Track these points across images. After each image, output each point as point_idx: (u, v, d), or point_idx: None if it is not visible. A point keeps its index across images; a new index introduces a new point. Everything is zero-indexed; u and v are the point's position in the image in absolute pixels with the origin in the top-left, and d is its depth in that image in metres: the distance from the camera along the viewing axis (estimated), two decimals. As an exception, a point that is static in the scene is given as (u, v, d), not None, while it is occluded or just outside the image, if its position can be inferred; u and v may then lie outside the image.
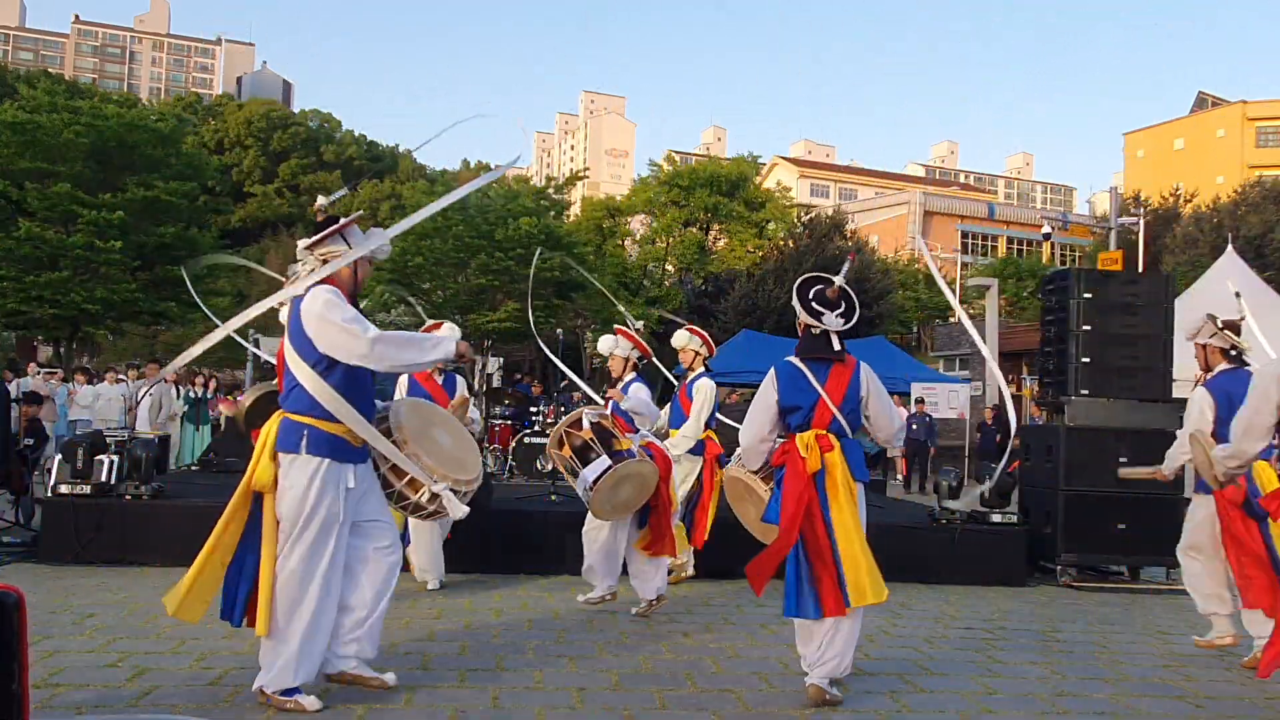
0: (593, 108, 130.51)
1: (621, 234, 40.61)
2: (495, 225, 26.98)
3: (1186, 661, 5.32)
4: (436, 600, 6.11)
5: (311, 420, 3.78)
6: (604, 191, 61.81)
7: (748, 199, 39.53)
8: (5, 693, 0.70)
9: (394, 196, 50.34)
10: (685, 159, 52.19)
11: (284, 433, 3.82)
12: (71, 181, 24.15)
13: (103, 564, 6.76)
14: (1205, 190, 40.73)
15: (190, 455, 13.90)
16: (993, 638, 5.72)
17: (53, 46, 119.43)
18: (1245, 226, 29.59)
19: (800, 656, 4.30)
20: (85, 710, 3.72)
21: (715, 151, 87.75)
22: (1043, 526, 8.11)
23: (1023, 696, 4.47)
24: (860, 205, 57.55)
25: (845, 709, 4.15)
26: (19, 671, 0.70)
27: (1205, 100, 63.92)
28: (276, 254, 44.38)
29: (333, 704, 3.92)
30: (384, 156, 67.51)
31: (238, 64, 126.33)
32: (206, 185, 31.56)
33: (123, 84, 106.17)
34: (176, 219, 26.14)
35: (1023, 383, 24.10)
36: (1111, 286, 8.35)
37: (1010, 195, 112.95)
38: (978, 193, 77.95)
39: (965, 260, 45.20)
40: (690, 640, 5.32)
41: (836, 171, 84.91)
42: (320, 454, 3.78)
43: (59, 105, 25.69)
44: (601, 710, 3.97)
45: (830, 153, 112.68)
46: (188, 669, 4.35)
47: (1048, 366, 8.69)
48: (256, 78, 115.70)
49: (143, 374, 13.60)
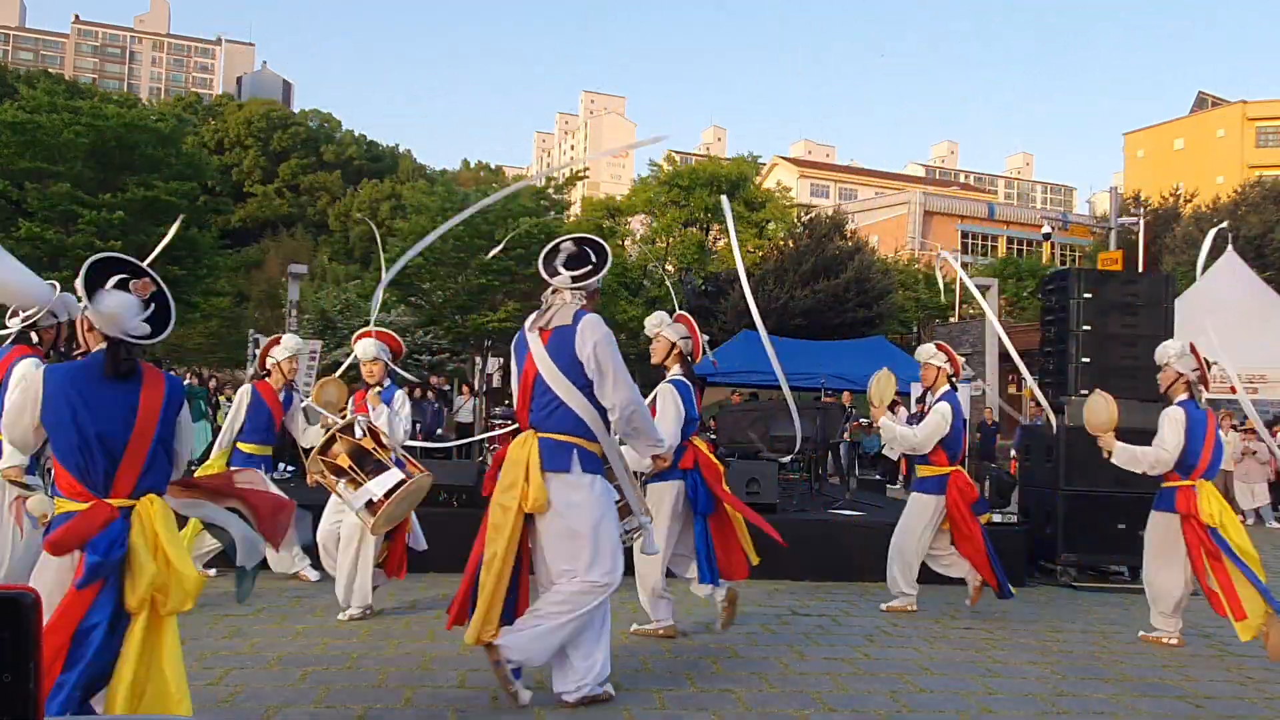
0: (593, 108, 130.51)
1: (621, 234, 40.61)
2: (495, 225, 26.98)
3: (1186, 661, 5.32)
4: (437, 601, 6.10)
5: (578, 440, 3.94)
6: (604, 191, 61.81)
7: (748, 199, 39.50)
8: (23, 692, 0.71)
9: (394, 196, 50.32)
10: (685, 159, 52.17)
11: (549, 453, 3.93)
12: (71, 181, 24.15)
13: (103, 564, 6.75)
14: (1205, 190, 40.73)
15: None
16: (993, 638, 5.72)
17: (53, 46, 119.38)
18: (1245, 226, 29.61)
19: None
20: (85, 710, 3.71)
21: (715, 151, 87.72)
22: (1043, 526, 8.11)
23: (1023, 696, 4.47)
24: (860, 205, 57.54)
25: (846, 709, 4.14)
26: (35, 671, 0.71)
27: (1205, 100, 63.90)
28: (276, 254, 44.40)
29: (332, 704, 3.92)
30: (384, 156, 67.49)
31: (238, 64, 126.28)
32: (206, 185, 31.54)
33: (123, 84, 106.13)
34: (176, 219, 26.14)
35: (1022, 383, 24.09)
36: (1111, 286, 8.35)
37: (1010, 195, 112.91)
38: (978, 193, 77.90)
39: (965, 260, 45.21)
40: (690, 640, 5.31)
41: (836, 171, 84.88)
42: (592, 471, 3.97)
43: (59, 105, 25.67)
44: (602, 710, 3.97)
45: (830, 153, 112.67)
46: (188, 669, 4.34)
47: (1048, 366, 8.69)
48: (256, 78, 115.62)
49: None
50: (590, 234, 4.45)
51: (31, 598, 0.75)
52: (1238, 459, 14.02)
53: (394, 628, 5.34)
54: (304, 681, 4.23)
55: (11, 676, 0.74)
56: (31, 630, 0.74)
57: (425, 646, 4.93)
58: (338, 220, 54.73)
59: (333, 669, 4.45)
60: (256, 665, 4.47)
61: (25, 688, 0.73)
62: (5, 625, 0.74)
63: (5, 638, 0.73)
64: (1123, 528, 7.75)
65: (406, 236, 28.09)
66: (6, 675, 0.73)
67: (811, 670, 4.78)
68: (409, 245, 27.21)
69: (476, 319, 26.45)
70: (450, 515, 7.30)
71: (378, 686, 4.20)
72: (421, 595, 6.26)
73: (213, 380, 16.64)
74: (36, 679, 0.75)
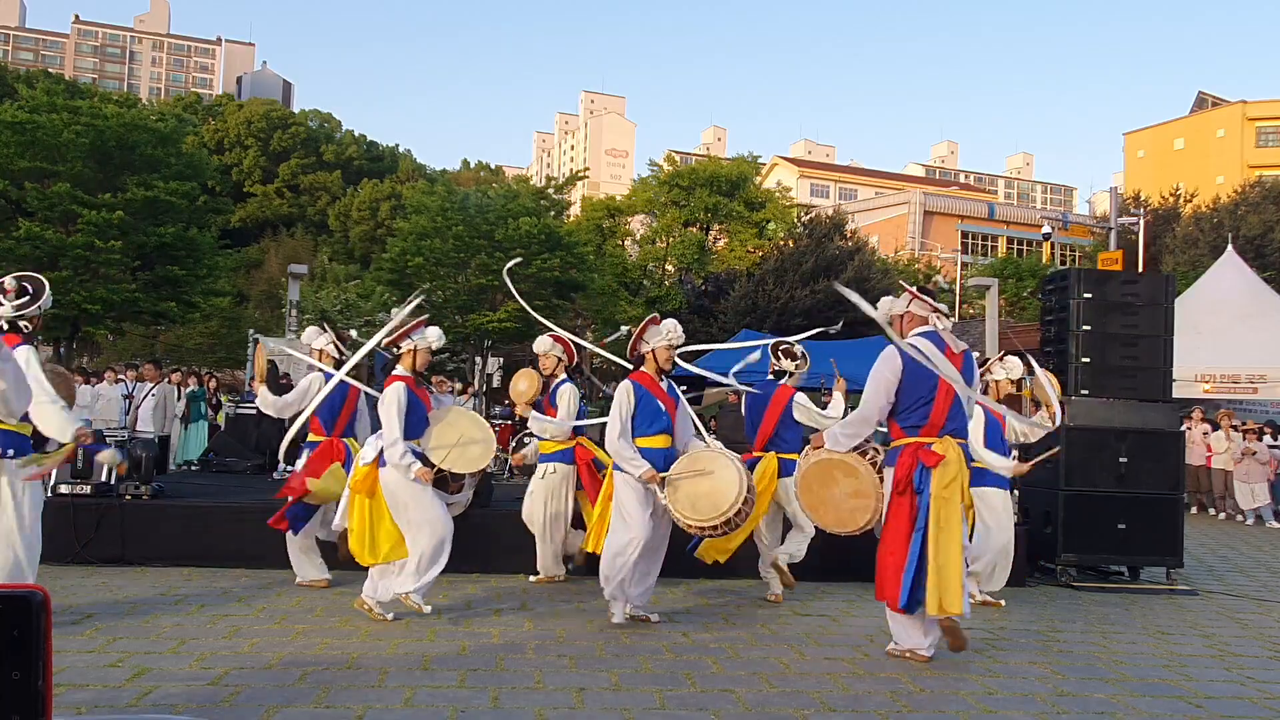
0: (593, 108, 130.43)
1: (621, 234, 40.60)
2: (495, 225, 26.99)
3: (1186, 661, 5.33)
4: (436, 601, 6.11)
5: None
6: (604, 191, 61.78)
7: (748, 199, 39.50)
8: (31, 690, 0.71)
9: (394, 196, 50.31)
10: (685, 159, 52.17)
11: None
12: (71, 181, 24.13)
13: (103, 564, 6.76)
14: (1205, 190, 40.74)
15: (185, 453, 13.86)
16: (993, 638, 5.72)
17: (53, 46, 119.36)
18: (1245, 226, 29.62)
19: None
20: (85, 710, 3.72)
21: (715, 151, 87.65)
22: (1043, 526, 8.11)
23: (1023, 696, 4.47)
24: (860, 205, 57.53)
25: (846, 709, 4.15)
26: (43, 670, 0.72)
27: (1205, 100, 63.86)
28: (276, 254, 44.39)
29: (332, 704, 3.92)
30: (384, 156, 67.47)
31: (238, 64, 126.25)
32: (206, 185, 31.52)
33: (123, 84, 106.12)
34: (176, 219, 26.12)
35: (1023, 383, 24.07)
36: (1111, 286, 8.35)
37: (1010, 195, 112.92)
38: (978, 193, 77.93)
39: (965, 260, 45.21)
40: (690, 640, 5.32)
41: (836, 171, 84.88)
42: None
43: (59, 105, 25.65)
44: (601, 710, 3.97)
45: (830, 153, 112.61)
46: (188, 669, 4.35)
47: (1048, 366, 8.68)
48: (256, 78, 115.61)
49: (141, 375, 13.58)
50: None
51: (40, 596, 0.76)
52: (1238, 459, 14.01)
53: (394, 628, 5.34)
54: (304, 681, 4.23)
55: (21, 674, 0.74)
56: (41, 628, 0.75)
57: (425, 647, 4.94)
58: (338, 220, 54.72)
59: (333, 669, 4.45)
60: (256, 665, 4.47)
61: (34, 685, 0.74)
62: (14, 623, 0.74)
63: (15, 636, 0.74)
64: (1123, 528, 7.76)
65: (407, 236, 28.12)
66: (16, 673, 0.74)
67: (811, 670, 4.78)
68: (409, 245, 27.29)
69: (476, 319, 26.45)
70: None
71: (378, 686, 4.21)
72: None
73: (213, 380, 16.60)
74: (45, 677, 0.75)
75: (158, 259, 25.76)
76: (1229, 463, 14.27)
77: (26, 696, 0.73)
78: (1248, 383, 15.52)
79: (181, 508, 7.26)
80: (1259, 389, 15.60)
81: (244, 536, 6.99)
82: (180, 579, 6.45)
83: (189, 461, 13.03)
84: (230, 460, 11.47)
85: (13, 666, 0.74)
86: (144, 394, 11.92)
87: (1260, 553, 10.64)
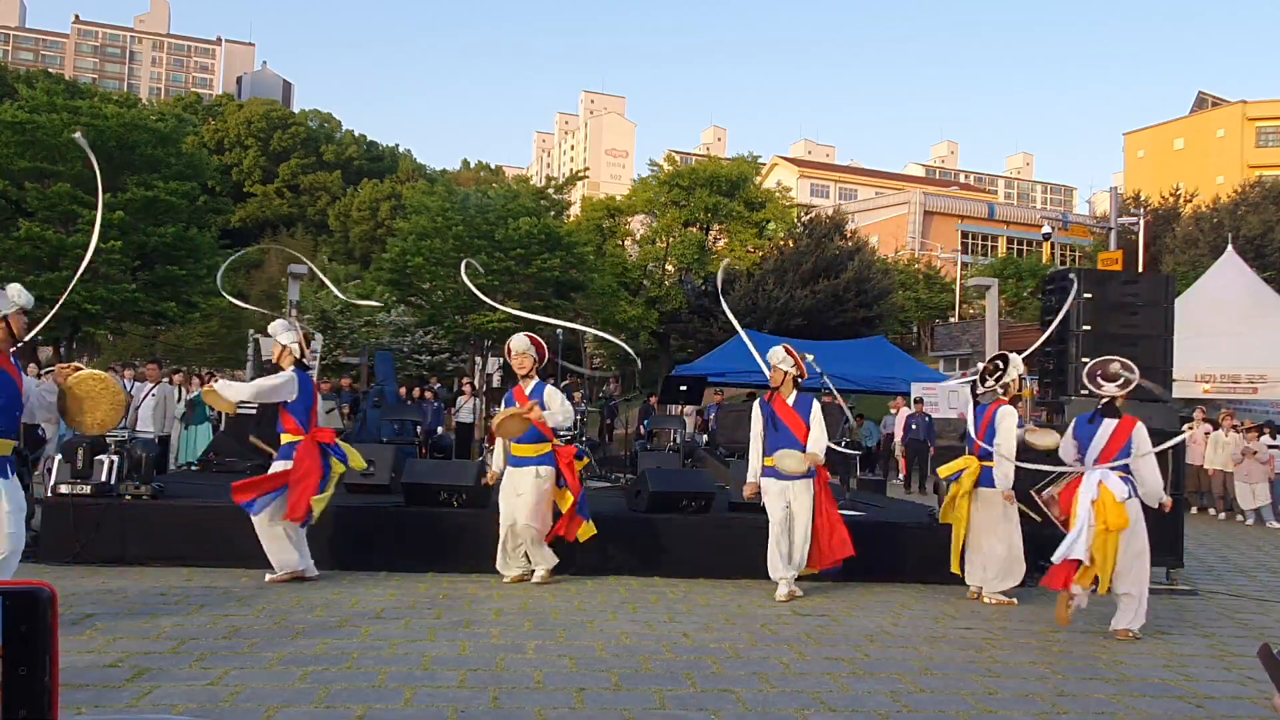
0: (593, 108, 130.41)
1: (621, 234, 40.59)
2: (495, 225, 27.00)
3: (1186, 661, 5.33)
4: (436, 601, 6.11)
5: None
6: (604, 191, 61.77)
7: (748, 199, 39.49)
8: (38, 686, 0.72)
9: (394, 196, 50.31)
10: (685, 159, 52.15)
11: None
12: (71, 181, 24.13)
13: (103, 564, 6.76)
14: (1205, 190, 40.76)
15: (187, 454, 13.86)
16: (993, 638, 5.73)
17: (53, 46, 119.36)
18: (1245, 226, 29.63)
19: None
20: (85, 710, 3.72)
21: (715, 151, 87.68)
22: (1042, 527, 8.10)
23: (1023, 696, 4.47)
24: (860, 205, 57.52)
25: (846, 709, 4.15)
26: (50, 666, 0.72)
27: (1205, 100, 63.87)
28: (277, 254, 44.40)
29: (332, 704, 3.93)
30: (384, 156, 67.50)
31: (238, 64, 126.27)
32: (206, 185, 31.55)
33: (123, 84, 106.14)
34: (176, 219, 26.14)
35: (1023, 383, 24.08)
36: (1111, 286, 8.35)
37: (1010, 195, 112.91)
38: (978, 193, 77.91)
39: (965, 260, 45.21)
40: (690, 640, 5.32)
41: (836, 171, 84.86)
42: None
43: (59, 105, 25.66)
44: (601, 710, 3.97)
45: (830, 153, 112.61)
46: (188, 669, 4.35)
47: (1048, 366, 8.69)
48: (256, 78, 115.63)
49: (140, 375, 13.57)
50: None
51: (48, 592, 0.76)
52: (1238, 459, 14.00)
53: (394, 628, 5.34)
54: (304, 681, 4.23)
55: (28, 670, 0.74)
56: (48, 624, 0.75)
57: (425, 646, 4.94)
58: (338, 220, 54.71)
59: (333, 669, 4.45)
60: (256, 665, 4.47)
61: (41, 681, 0.74)
62: (22, 619, 0.75)
63: (22, 631, 0.74)
64: (1122, 528, 7.74)
65: (407, 236, 28.12)
66: (23, 669, 0.74)
67: (811, 670, 4.79)
68: (409, 245, 27.30)
69: (476, 319, 26.45)
70: (450, 515, 7.30)
71: (378, 686, 4.21)
72: (421, 595, 6.27)
73: (215, 380, 16.59)
74: (52, 673, 0.76)
75: (158, 259, 25.77)
76: (1229, 463, 14.26)
77: (34, 692, 0.74)
78: (1248, 383, 15.51)
79: (181, 508, 7.26)
80: (1259, 389, 15.59)
81: (244, 536, 6.97)
82: (180, 579, 6.45)
83: (189, 462, 13.03)
84: (230, 460, 11.47)
85: (20, 662, 0.75)
86: (144, 394, 11.91)
87: (1260, 553, 10.64)
